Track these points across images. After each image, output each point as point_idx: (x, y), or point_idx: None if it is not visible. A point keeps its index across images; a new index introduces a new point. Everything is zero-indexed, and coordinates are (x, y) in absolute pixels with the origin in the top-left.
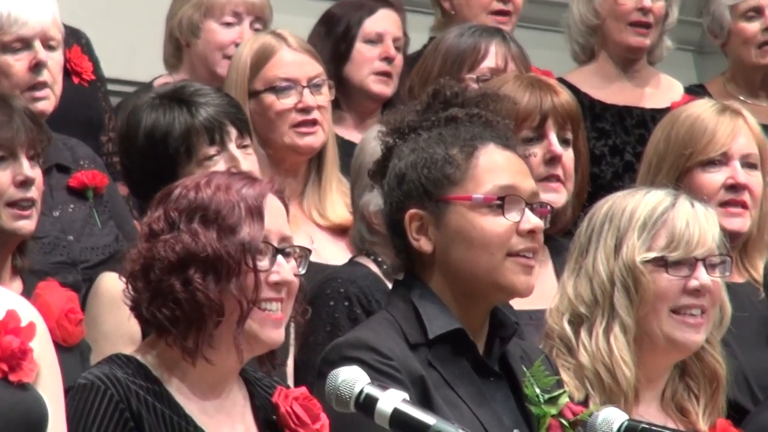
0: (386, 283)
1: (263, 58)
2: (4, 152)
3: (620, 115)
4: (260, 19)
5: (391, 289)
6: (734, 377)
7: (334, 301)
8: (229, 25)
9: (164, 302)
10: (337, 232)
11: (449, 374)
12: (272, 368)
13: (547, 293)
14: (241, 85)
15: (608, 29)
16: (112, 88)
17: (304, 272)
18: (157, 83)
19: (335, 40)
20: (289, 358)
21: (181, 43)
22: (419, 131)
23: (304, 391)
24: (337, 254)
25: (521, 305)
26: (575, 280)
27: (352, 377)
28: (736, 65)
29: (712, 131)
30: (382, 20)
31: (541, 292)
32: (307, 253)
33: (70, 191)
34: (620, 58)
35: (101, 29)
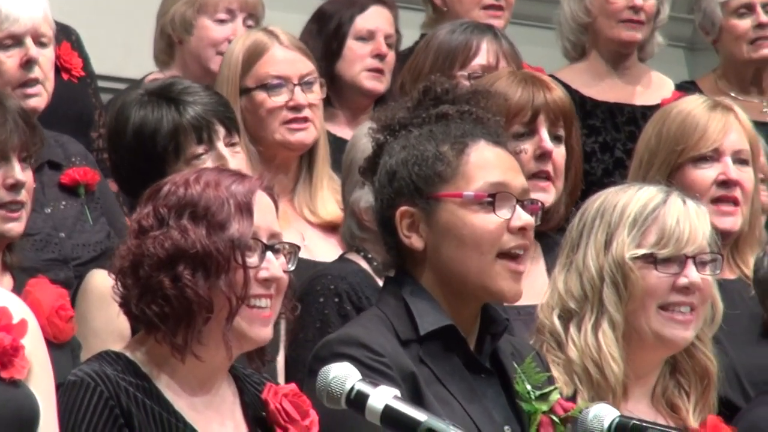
0: (376, 279)
1: (255, 55)
2: None
3: (611, 111)
4: (253, 15)
5: (382, 286)
6: (725, 374)
7: (324, 297)
8: (222, 21)
9: (153, 299)
10: (328, 229)
11: (440, 371)
12: (262, 365)
13: (537, 290)
14: (232, 81)
15: (599, 27)
16: (104, 85)
17: (293, 268)
18: (148, 80)
19: (327, 37)
20: (279, 354)
21: (173, 40)
22: (410, 128)
23: (293, 387)
24: (328, 251)
25: None
26: (566, 275)
27: (343, 374)
28: (727, 62)
29: (703, 127)
30: (373, 17)
31: (531, 288)
32: (296, 249)
33: (61, 188)
34: (611, 55)
35: (93, 26)
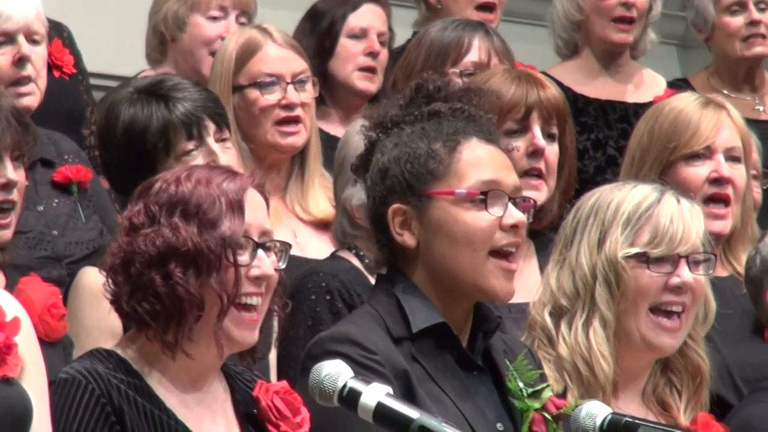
0: (368, 277)
1: (248, 52)
2: None
3: (603, 109)
4: (246, 13)
5: (374, 283)
6: (718, 371)
7: (315, 295)
8: (215, 19)
9: (144, 296)
10: (320, 226)
11: (433, 368)
12: (252, 362)
13: (529, 288)
14: (225, 79)
15: (591, 24)
16: (96, 82)
17: (284, 266)
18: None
19: (319, 35)
20: (271, 352)
21: (166, 38)
22: (402, 126)
23: (284, 384)
24: (320, 248)
25: None
26: (558, 272)
27: (335, 371)
28: (720, 59)
29: (695, 124)
30: (366, 15)
31: (523, 286)
32: (287, 247)
33: (54, 186)
34: (603, 53)
35: (85, 24)
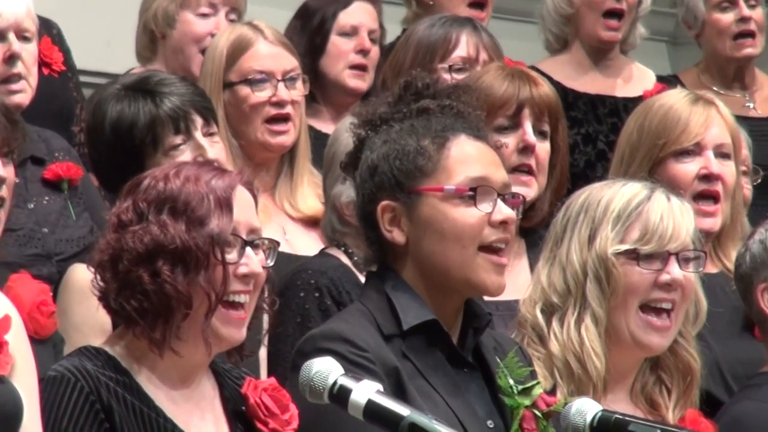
0: (357, 274)
1: (239, 49)
2: None
3: (593, 103)
4: (235, 9)
5: (364, 280)
6: (708, 368)
7: (304, 292)
8: (204, 16)
9: (132, 293)
10: (309, 223)
11: (423, 365)
12: (240, 359)
13: (519, 285)
14: (216, 75)
15: (582, 19)
16: (86, 80)
17: (272, 264)
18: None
19: (310, 33)
20: (261, 349)
21: (156, 35)
22: (391, 123)
23: (273, 382)
24: (309, 245)
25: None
26: (549, 269)
27: (325, 368)
28: (710, 56)
29: (685, 121)
30: (356, 13)
31: (513, 284)
32: (275, 245)
33: (44, 183)
34: (593, 48)
35: (76, 21)
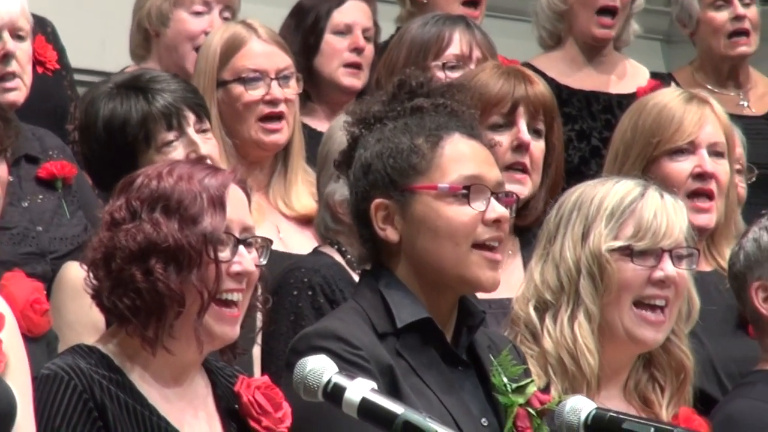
0: (350, 272)
1: (233, 47)
2: None
3: (587, 100)
4: (229, 7)
5: (358, 279)
6: (702, 366)
7: (297, 290)
8: (198, 14)
9: (125, 292)
10: (303, 221)
11: (417, 363)
12: (233, 357)
13: (513, 284)
14: (209, 74)
15: (575, 15)
16: (81, 78)
17: (265, 262)
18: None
19: (304, 32)
20: (255, 347)
21: (150, 33)
22: (385, 121)
23: (266, 380)
24: (303, 244)
25: (485, 294)
26: (542, 266)
27: (320, 366)
28: (704, 54)
29: (679, 120)
30: (350, 11)
31: (507, 282)
32: (268, 243)
33: (39, 182)
34: (586, 45)
35: (70, 20)
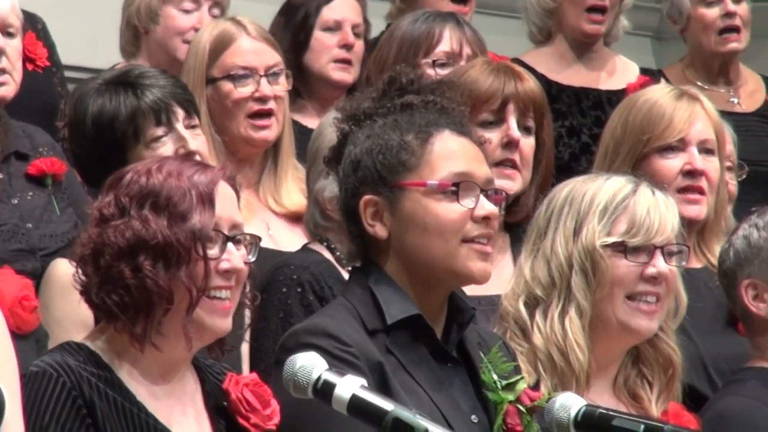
0: (339, 269)
1: (222, 45)
2: None
3: (576, 96)
4: (218, 4)
5: (348, 276)
6: (692, 363)
7: (286, 287)
8: (187, 11)
9: (113, 288)
10: (293, 219)
11: (407, 360)
12: (221, 354)
13: (503, 280)
14: (199, 71)
15: (564, 13)
16: (71, 75)
17: (254, 260)
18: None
19: (294, 28)
20: (243, 344)
21: (139, 30)
22: (375, 118)
23: (254, 377)
24: (293, 241)
25: (473, 291)
26: (532, 262)
27: (309, 363)
28: (695, 51)
29: (669, 117)
30: (340, 7)
31: (497, 279)
32: (257, 240)
33: (29, 179)
34: (576, 41)
35: (61, 17)
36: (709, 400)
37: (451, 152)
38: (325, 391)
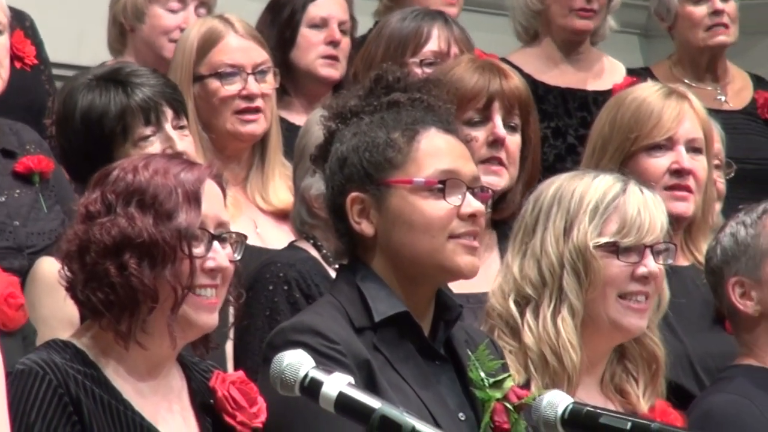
0: (326, 267)
1: (210, 42)
2: None
3: (563, 97)
4: (205, 4)
5: (336, 274)
6: (679, 361)
7: (273, 285)
8: (173, 11)
9: (99, 286)
10: (280, 216)
11: (395, 357)
12: (206, 351)
13: (490, 278)
14: (186, 68)
15: (552, 15)
16: (59, 72)
17: (239, 258)
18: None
19: (280, 26)
20: (228, 342)
21: (125, 28)
22: (361, 115)
23: (241, 375)
24: (280, 238)
25: (461, 288)
26: (521, 260)
27: (296, 361)
28: (682, 48)
29: (657, 115)
30: (326, 4)
31: (484, 276)
32: (243, 238)
33: (16, 176)
34: (564, 42)
35: (48, 14)
36: (696, 398)
37: (437, 150)
38: (312, 388)
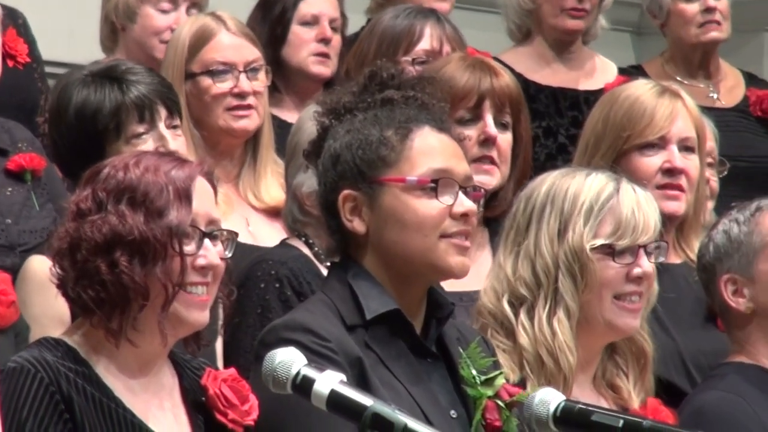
0: (317, 265)
1: (202, 40)
2: None
3: (554, 96)
4: (196, 4)
5: (327, 271)
6: (671, 359)
7: (264, 283)
8: (165, 11)
9: (90, 283)
10: (272, 213)
11: (386, 355)
12: (197, 348)
13: (482, 275)
14: (178, 66)
15: (544, 14)
16: (50, 70)
17: (230, 255)
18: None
19: (271, 23)
20: (218, 340)
21: (116, 26)
22: (355, 112)
23: (232, 372)
24: (272, 236)
25: (453, 286)
26: (514, 260)
27: (288, 359)
28: (675, 46)
29: (650, 114)
30: (317, 2)
31: (476, 274)
32: (234, 236)
33: (8, 174)
34: (555, 41)
35: (40, 12)
36: (688, 395)
37: (430, 148)
38: (304, 386)
